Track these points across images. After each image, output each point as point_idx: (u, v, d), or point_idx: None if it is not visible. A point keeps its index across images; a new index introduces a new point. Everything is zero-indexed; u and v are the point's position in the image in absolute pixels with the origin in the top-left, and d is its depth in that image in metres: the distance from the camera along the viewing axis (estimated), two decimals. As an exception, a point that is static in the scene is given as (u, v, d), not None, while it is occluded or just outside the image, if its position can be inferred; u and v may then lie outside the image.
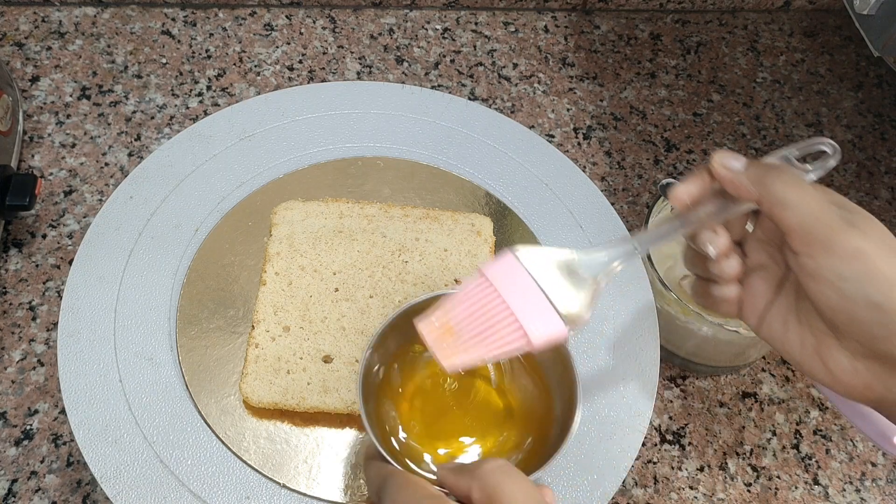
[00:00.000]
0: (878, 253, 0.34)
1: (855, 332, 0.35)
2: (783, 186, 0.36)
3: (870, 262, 0.34)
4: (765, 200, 0.37)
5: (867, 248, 0.34)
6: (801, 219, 0.35)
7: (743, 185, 0.37)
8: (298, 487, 0.42)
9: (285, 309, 0.47)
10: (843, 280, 0.35)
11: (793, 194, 0.36)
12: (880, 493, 0.53)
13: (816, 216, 0.35)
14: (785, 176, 0.36)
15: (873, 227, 0.35)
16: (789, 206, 0.36)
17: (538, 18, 0.75)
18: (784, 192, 0.36)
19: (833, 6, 0.80)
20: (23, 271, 0.55)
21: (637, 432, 0.45)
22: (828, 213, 0.35)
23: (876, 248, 0.34)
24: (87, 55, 0.67)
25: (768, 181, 0.36)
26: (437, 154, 0.55)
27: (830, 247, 0.35)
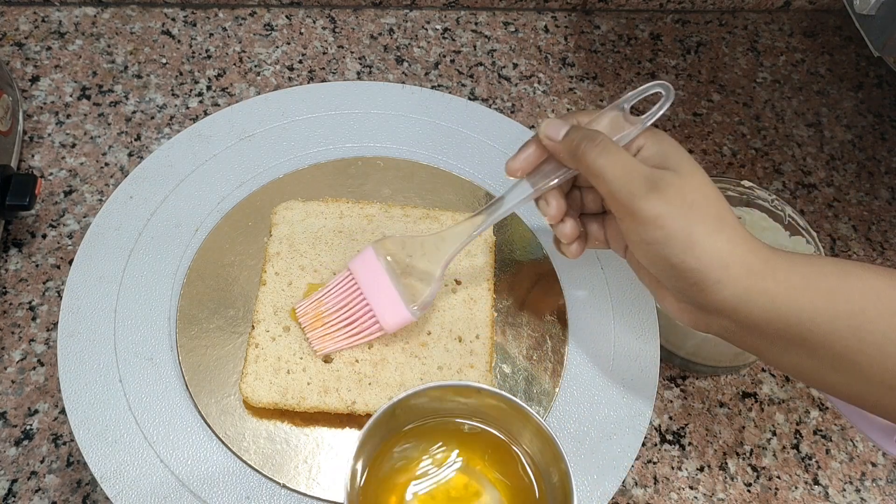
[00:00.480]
0: (674, 216, 0.37)
1: (667, 283, 0.39)
2: (593, 157, 0.38)
3: (667, 227, 0.37)
4: (580, 170, 0.40)
5: (664, 213, 0.37)
6: (608, 188, 0.38)
7: (562, 156, 0.40)
8: (298, 487, 0.42)
9: (285, 309, 0.47)
10: (647, 244, 0.38)
11: (601, 163, 0.38)
12: (880, 494, 0.53)
13: (621, 184, 0.38)
14: (596, 145, 0.39)
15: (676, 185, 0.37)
16: (598, 176, 0.38)
17: (538, 18, 0.75)
18: (593, 161, 0.38)
19: (833, 6, 0.80)
20: (23, 271, 0.55)
21: (637, 432, 0.45)
22: (631, 181, 0.37)
23: (674, 212, 0.37)
24: (87, 55, 0.67)
25: (580, 152, 0.39)
26: (437, 154, 0.55)
27: (633, 213, 0.37)
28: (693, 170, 0.38)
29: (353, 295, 0.45)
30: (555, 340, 0.48)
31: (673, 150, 0.39)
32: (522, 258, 0.51)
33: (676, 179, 0.37)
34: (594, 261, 0.51)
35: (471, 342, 0.47)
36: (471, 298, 0.48)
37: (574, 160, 0.40)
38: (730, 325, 0.38)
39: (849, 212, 0.67)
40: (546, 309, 0.49)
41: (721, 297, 0.37)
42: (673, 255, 0.37)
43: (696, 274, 0.37)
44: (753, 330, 0.38)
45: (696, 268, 0.36)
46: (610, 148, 0.39)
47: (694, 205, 0.37)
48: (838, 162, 0.70)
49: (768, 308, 0.36)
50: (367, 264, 0.44)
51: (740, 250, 0.37)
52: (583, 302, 0.50)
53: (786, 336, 0.37)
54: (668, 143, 0.40)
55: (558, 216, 0.42)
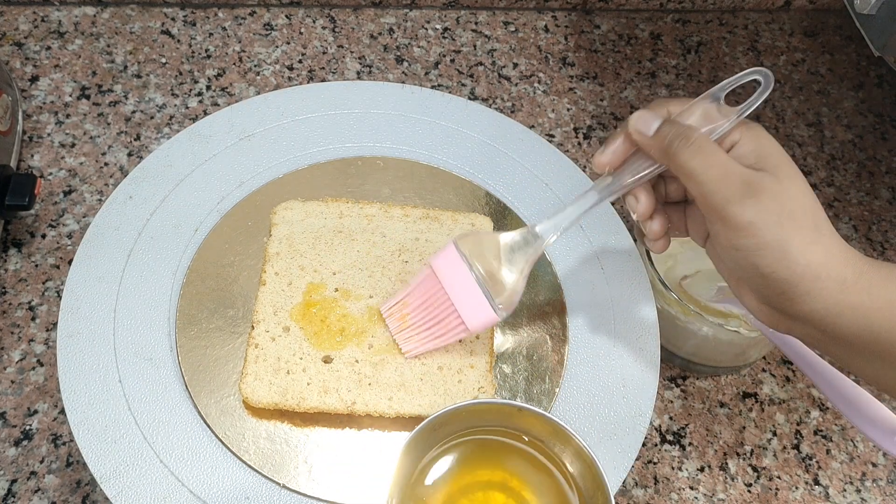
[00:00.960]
0: (769, 225, 0.35)
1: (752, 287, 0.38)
2: (687, 156, 0.37)
3: (760, 236, 0.35)
4: (672, 169, 0.38)
5: (758, 222, 0.35)
6: (700, 189, 0.36)
7: (652, 151, 0.38)
8: (298, 487, 0.42)
9: (285, 309, 0.47)
10: (736, 249, 0.36)
11: (694, 164, 0.36)
12: (881, 494, 0.53)
13: (715, 187, 0.36)
14: (690, 143, 0.37)
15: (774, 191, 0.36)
16: (692, 177, 0.37)
17: (538, 18, 0.75)
18: (687, 162, 0.37)
19: (833, 6, 0.80)
20: (22, 271, 0.55)
21: (637, 432, 0.45)
22: (726, 184, 0.36)
23: (769, 220, 0.35)
24: (87, 55, 0.67)
25: (673, 150, 0.37)
26: (437, 154, 0.55)
27: (725, 219, 0.36)
28: (792, 174, 0.37)
29: (436, 294, 0.43)
30: (555, 340, 0.48)
31: (771, 149, 0.38)
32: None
33: (774, 185, 0.36)
34: (594, 260, 0.51)
35: (471, 342, 0.47)
36: (471, 298, 0.48)
37: (666, 158, 0.38)
38: (814, 333, 0.37)
39: (849, 211, 0.67)
40: (546, 309, 0.49)
41: (809, 308, 0.36)
42: (764, 265, 0.36)
43: (785, 284, 0.36)
44: (840, 340, 0.36)
45: (787, 279, 0.35)
46: (705, 147, 0.37)
47: (791, 214, 0.35)
48: (839, 162, 0.70)
49: (859, 322, 0.35)
50: (449, 261, 0.43)
51: (835, 262, 0.35)
52: (583, 302, 0.50)
53: (875, 349, 0.36)
54: (765, 140, 0.38)
55: (648, 213, 0.41)
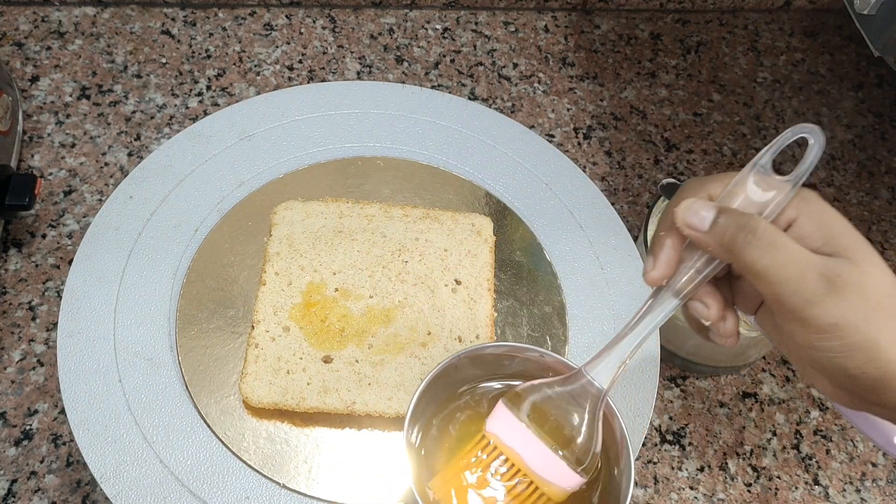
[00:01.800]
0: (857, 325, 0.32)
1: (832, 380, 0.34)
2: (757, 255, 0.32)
3: (847, 337, 0.32)
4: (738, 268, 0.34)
5: (844, 323, 0.32)
6: (776, 290, 0.32)
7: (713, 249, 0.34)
8: (298, 487, 0.42)
9: (285, 309, 0.47)
10: (818, 351, 0.33)
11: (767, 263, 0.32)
12: (881, 494, 0.53)
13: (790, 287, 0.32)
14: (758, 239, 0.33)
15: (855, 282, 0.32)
16: (763, 278, 0.32)
17: (538, 18, 0.75)
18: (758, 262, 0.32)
19: (833, 6, 0.80)
20: (22, 271, 0.55)
21: (637, 432, 0.45)
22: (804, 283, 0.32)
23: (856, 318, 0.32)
24: (87, 55, 0.67)
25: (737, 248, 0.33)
26: (437, 154, 0.55)
27: (805, 320, 0.32)
28: (868, 254, 0.33)
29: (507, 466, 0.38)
30: (555, 340, 0.48)
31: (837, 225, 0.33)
32: (522, 258, 0.51)
33: (855, 273, 0.32)
34: (594, 260, 0.51)
35: (471, 342, 0.47)
36: (471, 298, 0.48)
37: (731, 256, 0.33)
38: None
39: (849, 212, 0.67)
40: (546, 309, 0.49)
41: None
42: (852, 367, 0.32)
43: (876, 382, 0.32)
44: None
45: (879, 377, 0.32)
46: (775, 241, 0.32)
47: (878, 306, 0.32)
48: (838, 162, 0.70)
49: None
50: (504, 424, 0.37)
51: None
52: (583, 302, 0.50)
53: None
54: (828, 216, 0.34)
55: (719, 316, 0.36)
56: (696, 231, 0.34)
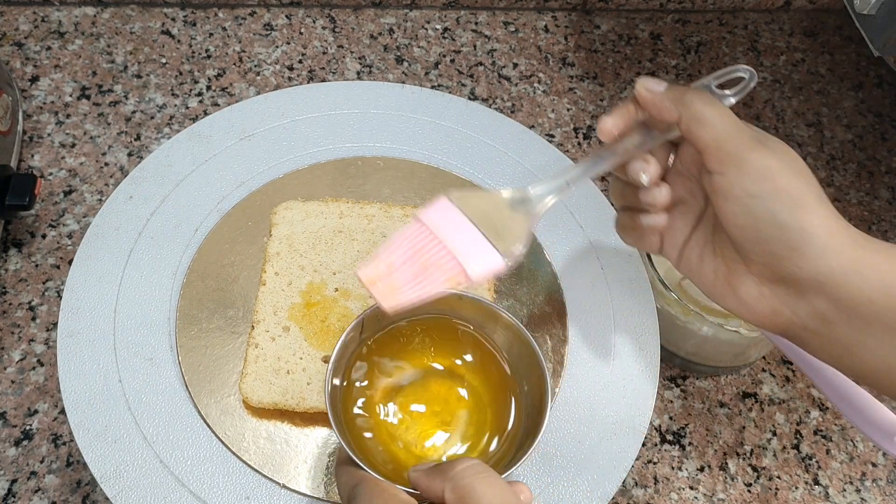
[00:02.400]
0: (784, 173, 0.35)
1: (761, 252, 0.36)
2: (701, 105, 0.37)
3: (777, 180, 0.35)
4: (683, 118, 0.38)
5: (775, 167, 0.35)
6: (716, 135, 0.36)
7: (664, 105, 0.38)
8: (298, 487, 0.42)
9: (285, 309, 0.47)
10: (752, 197, 0.36)
11: (709, 112, 0.37)
12: (881, 494, 0.53)
13: (730, 133, 0.36)
14: (703, 96, 0.38)
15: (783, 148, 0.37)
16: (705, 124, 0.37)
17: (538, 18, 0.75)
18: (701, 109, 0.37)
19: (833, 6, 0.80)
20: (22, 271, 0.55)
21: (637, 432, 0.45)
22: (740, 131, 0.36)
23: (784, 168, 0.36)
24: (87, 55, 0.67)
25: (687, 100, 0.38)
26: (437, 154, 0.55)
27: (741, 163, 0.36)
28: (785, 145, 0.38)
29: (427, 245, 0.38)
30: (555, 340, 0.48)
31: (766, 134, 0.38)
32: (522, 259, 0.51)
33: (781, 145, 0.37)
34: (594, 260, 0.51)
35: (471, 342, 0.47)
36: (471, 298, 0.48)
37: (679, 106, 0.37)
38: (825, 306, 0.35)
39: (849, 212, 0.67)
40: (546, 309, 0.49)
41: (823, 265, 0.35)
42: (781, 211, 0.35)
43: (801, 235, 0.35)
44: (852, 312, 0.35)
45: (803, 228, 0.35)
46: (715, 101, 0.38)
47: (801, 170, 0.36)
48: (838, 162, 0.70)
49: (877, 284, 0.34)
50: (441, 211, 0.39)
51: (844, 224, 0.35)
52: (583, 302, 0.50)
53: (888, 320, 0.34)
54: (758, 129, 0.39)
55: (657, 177, 0.40)
56: (652, 91, 0.38)
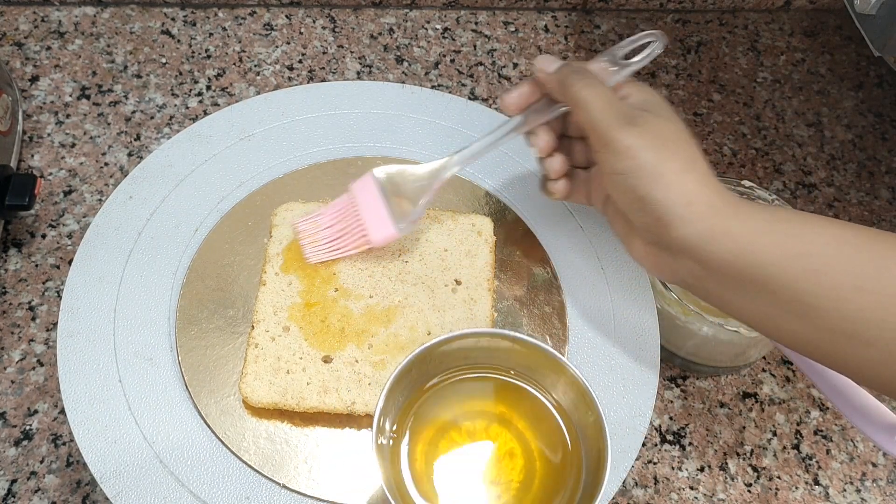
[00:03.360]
0: (646, 149, 0.38)
1: (635, 221, 0.40)
2: (579, 88, 0.40)
3: (638, 158, 0.38)
4: (567, 101, 0.42)
5: (637, 145, 0.38)
6: (589, 117, 0.40)
7: (553, 85, 0.42)
8: (298, 487, 0.42)
9: (285, 309, 0.47)
10: (617, 174, 0.39)
11: (585, 95, 0.40)
12: (881, 494, 0.53)
13: (601, 115, 0.39)
14: (583, 78, 0.41)
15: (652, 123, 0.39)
16: (582, 106, 0.40)
17: (538, 18, 0.75)
18: (579, 93, 0.40)
19: (833, 6, 0.80)
20: (22, 271, 0.55)
21: (637, 432, 0.45)
22: (610, 112, 0.39)
23: (646, 145, 0.38)
24: (87, 55, 0.67)
25: (568, 82, 0.41)
26: (437, 154, 0.55)
27: (608, 143, 0.39)
28: (671, 116, 0.40)
29: (348, 211, 0.48)
30: (555, 340, 0.48)
31: (656, 100, 0.42)
32: (522, 259, 0.51)
33: (653, 119, 0.40)
34: (594, 260, 0.51)
35: (471, 342, 0.47)
36: (471, 298, 0.48)
37: (561, 90, 0.42)
38: (694, 267, 0.39)
39: (849, 212, 0.67)
40: (546, 309, 0.49)
41: (684, 233, 0.38)
42: (640, 187, 0.38)
43: (660, 207, 0.38)
44: (716, 272, 0.38)
45: (661, 200, 0.38)
46: (595, 82, 0.41)
47: (667, 142, 0.39)
48: (839, 162, 0.70)
49: (731, 248, 0.37)
50: (364, 185, 0.48)
51: (707, 191, 0.38)
52: (583, 302, 0.50)
53: (748, 279, 0.37)
54: (651, 94, 0.42)
55: (547, 149, 0.45)
56: (543, 71, 0.43)
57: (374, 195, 0.47)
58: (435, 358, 0.40)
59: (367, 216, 0.47)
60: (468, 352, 0.41)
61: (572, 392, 0.40)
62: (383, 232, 0.47)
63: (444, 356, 0.41)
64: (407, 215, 0.47)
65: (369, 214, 0.47)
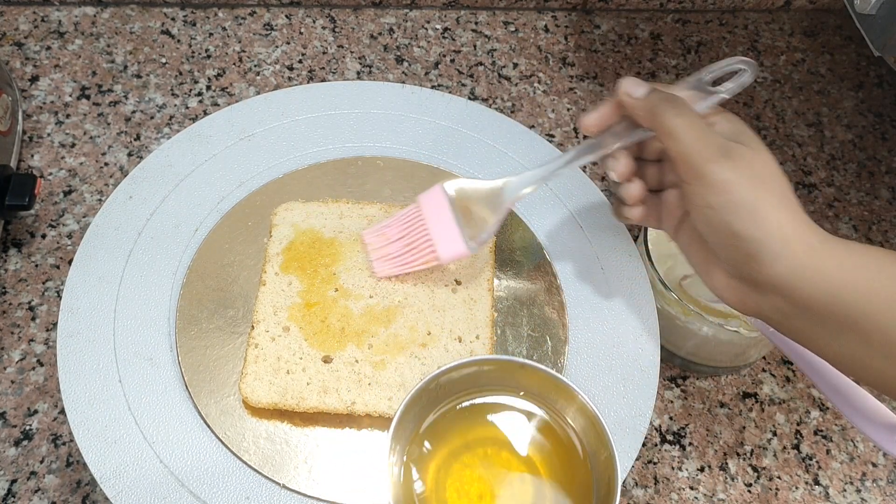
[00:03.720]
0: (742, 184, 0.37)
1: (723, 255, 0.39)
2: (670, 117, 0.39)
3: (734, 193, 0.37)
4: (656, 129, 0.40)
5: (733, 180, 0.37)
6: (681, 148, 0.38)
7: (639, 112, 0.41)
8: (298, 487, 0.42)
9: (285, 309, 0.47)
10: (711, 208, 0.38)
11: (677, 124, 0.38)
12: (881, 494, 0.53)
13: (694, 147, 0.38)
14: (674, 107, 0.39)
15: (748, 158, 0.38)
16: (673, 136, 0.39)
17: (538, 18, 0.75)
18: (670, 122, 0.39)
19: (833, 6, 0.80)
20: (22, 271, 0.55)
21: (637, 432, 0.45)
22: (705, 144, 0.38)
23: (742, 180, 0.37)
24: (87, 55, 0.67)
25: (659, 111, 0.39)
26: (437, 154, 0.55)
27: (702, 176, 0.38)
28: (761, 147, 0.39)
29: (416, 224, 0.47)
30: (555, 340, 0.48)
31: (745, 130, 0.40)
32: (522, 259, 0.51)
33: (747, 152, 0.38)
34: (594, 260, 0.51)
35: (471, 342, 0.47)
36: (471, 298, 0.48)
37: (650, 117, 0.40)
38: (781, 304, 0.38)
39: (849, 211, 0.67)
40: (546, 309, 0.49)
41: (777, 271, 0.37)
42: (735, 222, 0.37)
43: (755, 244, 0.37)
44: (805, 310, 0.37)
45: (758, 238, 0.37)
46: (687, 111, 0.39)
47: (762, 178, 0.38)
48: (839, 162, 0.70)
49: (824, 286, 0.36)
50: (433, 198, 0.46)
51: (801, 228, 0.37)
52: (583, 302, 0.50)
53: (839, 317, 0.36)
54: (740, 124, 0.41)
55: (627, 174, 0.43)
56: (631, 96, 0.41)
57: (443, 210, 0.46)
58: (445, 383, 0.40)
59: (436, 231, 0.46)
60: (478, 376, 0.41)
61: (582, 418, 0.40)
62: (453, 249, 0.46)
63: (453, 382, 0.40)
64: (478, 233, 0.46)
65: (438, 229, 0.46)
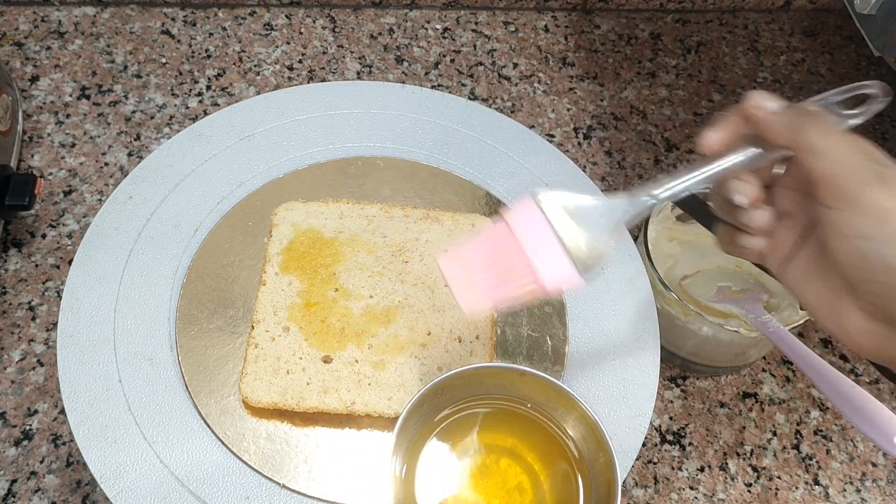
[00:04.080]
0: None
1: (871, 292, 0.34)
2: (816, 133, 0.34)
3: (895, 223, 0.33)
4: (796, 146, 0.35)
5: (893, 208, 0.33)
6: (831, 169, 0.34)
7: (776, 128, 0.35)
8: (298, 487, 0.42)
9: (285, 309, 0.47)
10: (865, 239, 0.33)
11: (825, 142, 0.34)
12: (881, 494, 0.53)
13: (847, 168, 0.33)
14: (820, 123, 0.35)
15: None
16: (820, 155, 0.34)
17: (538, 18, 0.75)
18: (817, 139, 0.34)
19: (833, 6, 0.80)
20: (22, 271, 0.55)
21: (637, 432, 0.45)
22: (859, 166, 0.33)
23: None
24: (87, 55, 0.67)
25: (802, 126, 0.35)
26: (437, 154, 0.55)
27: (856, 203, 0.33)
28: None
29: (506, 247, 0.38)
30: (555, 340, 0.48)
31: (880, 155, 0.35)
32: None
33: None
34: (594, 261, 0.51)
35: (471, 342, 0.47)
36: (471, 298, 0.48)
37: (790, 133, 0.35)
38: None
39: (849, 212, 0.66)
40: (546, 309, 0.49)
41: None
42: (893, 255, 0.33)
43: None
44: None
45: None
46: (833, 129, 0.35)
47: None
48: (839, 162, 0.70)
49: None
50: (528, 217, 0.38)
51: None
52: (583, 302, 0.50)
53: None
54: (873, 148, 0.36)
55: (756, 198, 0.37)
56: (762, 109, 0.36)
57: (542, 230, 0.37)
58: (446, 391, 0.40)
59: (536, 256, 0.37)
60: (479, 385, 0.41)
61: (582, 426, 0.40)
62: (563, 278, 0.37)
63: (454, 389, 0.41)
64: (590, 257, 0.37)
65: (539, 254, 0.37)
